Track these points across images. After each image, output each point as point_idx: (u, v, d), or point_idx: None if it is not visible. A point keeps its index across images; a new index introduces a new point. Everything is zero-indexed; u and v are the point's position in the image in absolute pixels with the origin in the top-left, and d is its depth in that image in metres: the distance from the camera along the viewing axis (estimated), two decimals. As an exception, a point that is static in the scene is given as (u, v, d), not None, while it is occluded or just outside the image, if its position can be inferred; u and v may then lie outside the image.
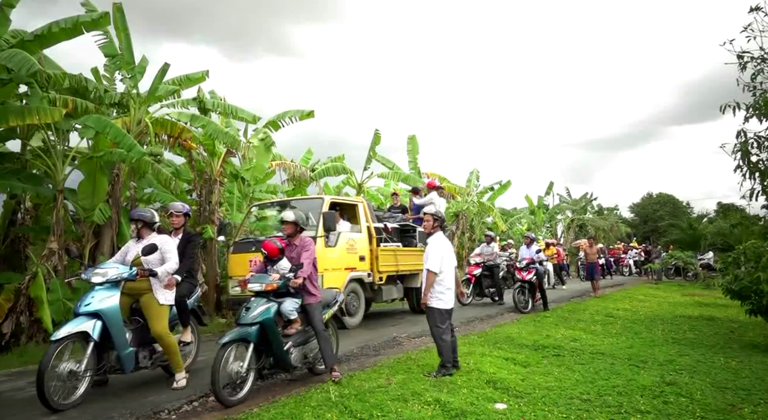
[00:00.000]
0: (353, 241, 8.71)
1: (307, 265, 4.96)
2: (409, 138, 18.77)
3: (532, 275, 10.93)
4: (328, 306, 5.45)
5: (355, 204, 9.42)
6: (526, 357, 6.23)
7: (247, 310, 4.65)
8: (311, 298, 5.10)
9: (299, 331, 5.08)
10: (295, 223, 5.19)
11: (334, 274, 8.11)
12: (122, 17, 9.12)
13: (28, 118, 7.33)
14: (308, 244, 5.16)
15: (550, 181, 29.22)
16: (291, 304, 4.92)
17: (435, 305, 5.44)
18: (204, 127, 10.38)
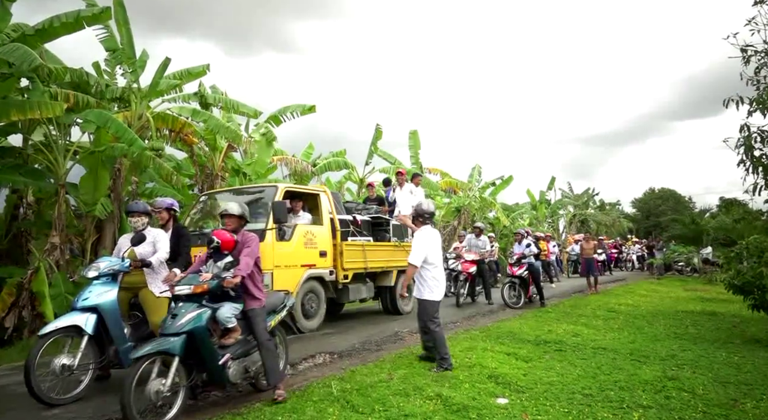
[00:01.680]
0: (312, 235, 7.78)
1: (247, 263, 4.26)
2: (411, 133, 18.74)
3: (523, 270, 10.88)
4: (275, 311, 4.73)
5: (317, 194, 8.38)
6: (528, 352, 6.22)
7: (174, 317, 3.95)
8: (254, 302, 4.39)
9: (239, 340, 4.31)
10: (240, 216, 4.53)
11: (287, 272, 7.25)
12: (123, 12, 9.09)
13: (30, 113, 7.32)
14: (250, 239, 4.44)
15: (551, 176, 29.19)
16: (229, 309, 4.19)
17: (428, 297, 5.49)
18: (205, 122, 10.37)
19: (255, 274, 4.44)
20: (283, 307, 4.89)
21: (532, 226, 25.45)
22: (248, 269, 4.26)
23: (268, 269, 6.83)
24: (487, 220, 22.57)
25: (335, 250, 8.12)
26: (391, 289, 9.33)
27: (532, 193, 28.27)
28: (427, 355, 5.68)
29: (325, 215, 8.15)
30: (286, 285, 7.11)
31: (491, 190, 22.48)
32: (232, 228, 4.48)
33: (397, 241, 9.40)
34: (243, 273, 4.19)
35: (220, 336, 4.22)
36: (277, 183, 8.62)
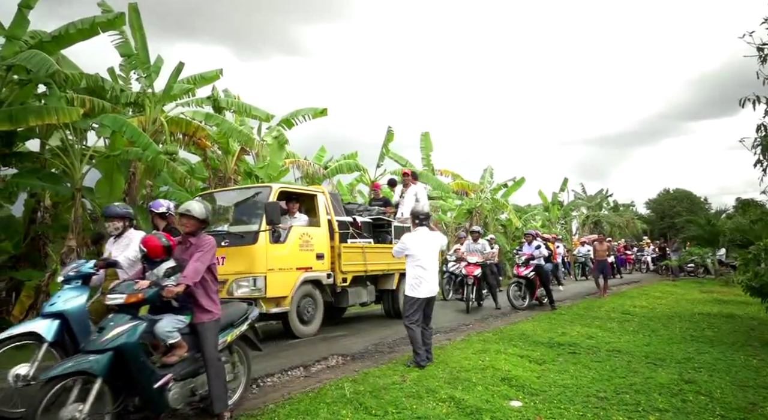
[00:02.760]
0: (308, 237, 7.50)
1: (195, 270, 3.77)
2: (422, 135, 18.72)
3: (530, 271, 10.79)
4: (232, 325, 4.22)
5: (313, 194, 8.07)
6: (542, 354, 6.18)
7: (100, 331, 3.46)
8: (204, 314, 3.90)
9: (185, 359, 3.82)
10: (201, 219, 4.06)
11: (282, 276, 6.99)
12: (137, 17, 9.20)
13: (47, 118, 7.43)
14: (205, 243, 3.97)
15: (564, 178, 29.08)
16: (170, 322, 3.72)
17: (408, 293, 5.67)
18: (218, 126, 10.48)
19: (208, 282, 3.97)
20: (244, 320, 4.37)
21: (545, 227, 25.29)
22: (196, 276, 3.77)
23: (261, 273, 6.73)
24: (499, 221, 22.47)
25: (333, 253, 7.84)
26: (393, 292, 9.14)
27: (544, 195, 28.11)
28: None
29: (322, 216, 7.89)
30: (281, 289, 6.95)
31: (503, 192, 22.37)
32: (189, 230, 4.04)
33: None
34: (188, 281, 3.70)
35: (164, 353, 3.75)
36: (272, 183, 8.41)
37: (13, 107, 7.52)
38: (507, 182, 22.55)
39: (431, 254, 5.73)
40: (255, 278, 6.74)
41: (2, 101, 7.85)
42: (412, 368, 5.42)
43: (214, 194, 8.68)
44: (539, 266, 10.85)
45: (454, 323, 8.85)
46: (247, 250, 6.81)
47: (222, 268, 6.85)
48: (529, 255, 11.02)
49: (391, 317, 9.34)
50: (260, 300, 6.74)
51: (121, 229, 5.10)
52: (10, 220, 8.53)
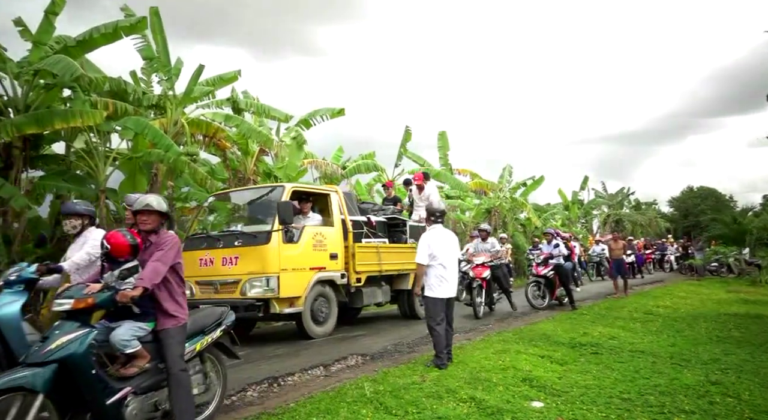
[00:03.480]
0: (322, 237, 7.48)
1: (155, 270, 3.40)
2: (440, 134, 18.68)
3: (549, 270, 10.64)
4: (203, 332, 3.88)
5: (327, 194, 8.08)
6: (563, 355, 6.11)
7: (44, 341, 3.11)
8: (168, 320, 3.53)
9: (147, 370, 3.45)
10: (159, 213, 3.62)
11: (295, 276, 6.97)
12: (159, 21, 9.35)
13: (72, 121, 7.59)
14: (166, 241, 3.58)
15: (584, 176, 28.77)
16: (128, 330, 3.36)
17: (428, 294, 5.57)
18: (238, 127, 10.61)
19: (172, 284, 3.60)
20: (216, 325, 4.00)
21: (565, 226, 25.02)
22: (155, 278, 3.39)
23: (274, 273, 6.73)
24: (518, 221, 22.31)
25: (347, 252, 7.80)
26: (408, 292, 9.05)
27: (564, 194, 27.81)
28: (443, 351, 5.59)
29: (335, 216, 7.86)
30: (294, 289, 6.96)
31: (522, 191, 22.20)
32: (150, 227, 3.61)
33: (415, 243, 9.24)
34: (146, 283, 3.32)
35: (123, 364, 3.39)
36: (285, 183, 8.39)
37: (40, 111, 7.72)
38: (526, 181, 22.40)
39: (451, 253, 5.70)
40: (268, 278, 6.73)
41: (29, 105, 8.06)
42: (432, 368, 5.40)
43: (229, 194, 8.81)
44: (559, 265, 10.73)
45: (472, 323, 8.81)
46: (260, 250, 6.83)
47: (235, 268, 6.97)
48: (548, 254, 10.91)
49: (407, 317, 9.30)
50: (273, 300, 6.76)
51: (79, 228, 4.57)
52: (37, 222, 8.73)
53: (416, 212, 9.73)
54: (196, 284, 7.23)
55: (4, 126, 7.15)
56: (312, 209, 7.84)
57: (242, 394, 4.72)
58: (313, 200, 7.91)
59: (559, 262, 10.76)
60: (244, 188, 9.23)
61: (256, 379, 5.08)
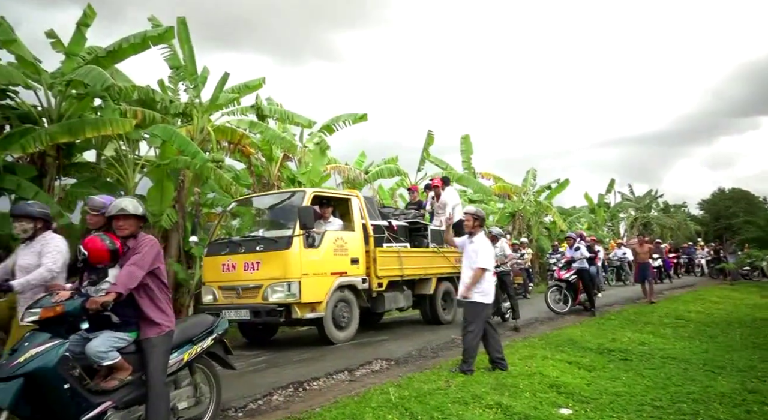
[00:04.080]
0: (343, 242, 7.46)
1: (130, 275, 3.19)
2: (463, 138, 18.59)
3: (570, 274, 10.42)
4: (191, 341, 3.62)
5: (347, 198, 8.06)
6: (591, 361, 6.00)
7: (12, 354, 2.93)
8: (151, 328, 3.34)
9: (130, 382, 3.25)
10: (136, 216, 3.45)
11: (316, 281, 6.96)
12: (185, 30, 9.54)
13: (103, 130, 7.80)
14: (143, 244, 3.39)
15: (611, 179, 28.13)
16: (105, 341, 3.13)
17: (481, 300, 5.49)
18: (262, 133, 10.74)
19: (153, 290, 3.40)
20: (206, 334, 3.76)
21: (591, 230, 24.60)
22: (130, 282, 3.18)
23: (295, 278, 6.73)
24: (542, 224, 22.04)
25: (368, 257, 7.77)
26: (431, 297, 8.93)
27: (590, 197, 27.38)
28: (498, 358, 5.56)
29: (356, 221, 7.84)
30: (315, 294, 6.94)
31: (547, 194, 21.94)
32: (128, 232, 3.43)
33: (436, 247, 9.09)
34: (119, 288, 3.11)
35: (104, 376, 3.20)
36: (306, 188, 8.34)
37: (72, 120, 7.94)
38: (551, 184, 22.12)
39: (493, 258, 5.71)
40: (289, 283, 6.74)
41: (62, 115, 8.30)
42: (457, 374, 5.35)
43: (251, 199, 8.89)
44: (582, 269, 10.50)
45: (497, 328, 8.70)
46: (281, 255, 6.85)
47: (257, 274, 7.00)
48: (569, 258, 10.72)
49: (429, 323, 9.16)
50: (295, 305, 6.78)
51: (30, 233, 3.99)
52: (70, 229, 8.95)
53: (437, 217, 9.67)
54: (219, 289, 7.30)
55: (38, 135, 7.38)
56: (333, 214, 7.85)
57: (268, 398, 4.75)
58: (333, 205, 7.92)
59: (583, 265, 10.55)
60: (266, 193, 9.26)
61: (282, 383, 5.11)
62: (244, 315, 6.93)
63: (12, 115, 8.26)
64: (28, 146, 7.33)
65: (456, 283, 9.36)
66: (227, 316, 6.92)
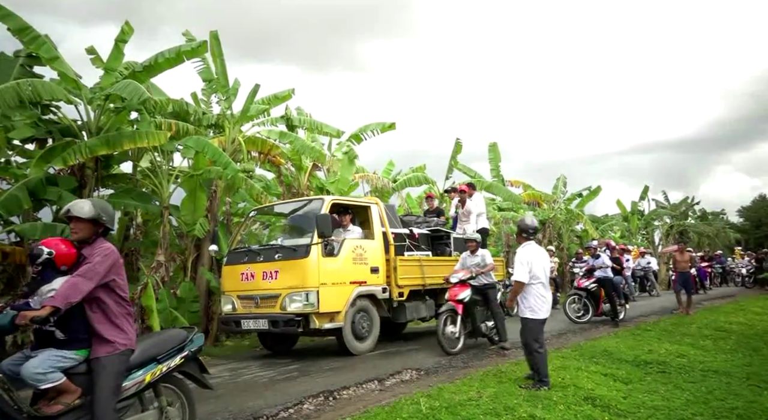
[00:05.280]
0: (362, 250, 7.35)
1: (72, 286, 2.87)
2: (490, 146, 18.47)
3: (591, 282, 10.13)
4: (155, 360, 3.29)
5: (367, 206, 7.95)
6: (627, 373, 5.83)
7: None
8: (102, 346, 3.03)
9: (77, 407, 2.94)
10: (93, 220, 3.15)
11: (335, 290, 6.84)
12: (218, 44, 9.78)
13: (139, 142, 8.04)
14: (98, 251, 3.09)
15: (644, 186, 27.47)
16: (45, 360, 2.85)
17: (529, 316, 5.33)
18: (292, 143, 10.92)
19: (108, 304, 3.08)
20: (177, 351, 3.40)
21: (624, 238, 24.03)
22: (72, 296, 2.84)
23: (313, 287, 6.62)
24: (573, 232, 21.64)
25: (388, 266, 7.62)
26: None
27: (622, 204, 26.76)
28: (531, 375, 5.43)
29: (376, 229, 7.72)
30: (334, 304, 6.84)
31: (578, 202, 21.56)
32: (78, 236, 3.15)
33: (458, 255, 8.76)
34: (57, 302, 2.76)
35: (51, 399, 2.91)
36: (324, 196, 8.20)
37: (110, 133, 8.21)
38: (582, 191, 21.74)
39: (547, 271, 5.49)
40: (307, 293, 6.64)
41: (100, 128, 8.60)
42: (489, 384, 5.29)
43: (271, 207, 8.83)
44: (604, 278, 10.19)
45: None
46: (299, 263, 6.76)
47: (275, 283, 6.89)
48: (590, 266, 10.44)
49: None
50: (313, 315, 6.68)
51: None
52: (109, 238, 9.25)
53: (460, 226, 9.51)
54: (238, 298, 7.26)
55: (79, 148, 7.65)
56: (352, 222, 7.75)
57: (299, 406, 4.77)
58: (353, 213, 7.82)
59: (605, 274, 10.25)
60: (285, 201, 9.20)
61: (313, 391, 5.13)
62: (263, 325, 6.87)
63: (54, 129, 8.62)
64: (69, 159, 7.61)
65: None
66: (246, 326, 7.05)
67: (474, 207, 9.38)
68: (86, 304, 3.04)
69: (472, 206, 9.39)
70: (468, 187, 9.81)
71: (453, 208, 10.04)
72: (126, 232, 10.02)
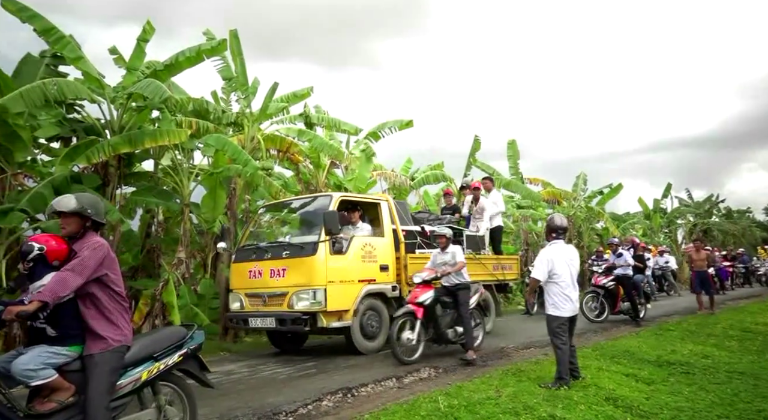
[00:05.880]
0: (371, 248, 7.25)
1: (60, 281, 2.83)
2: (509, 143, 18.32)
3: (608, 280, 9.97)
4: (153, 357, 3.22)
5: (377, 202, 7.82)
6: (650, 373, 5.74)
7: None
8: (95, 343, 2.99)
9: (70, 405, 2.89)
10: (78, 213, 3.10)
11: (343, 288, 6.76)
12: (237, 42, 9.85)
13: (160, 140, 8.14)
14: (87, 245, 3.05)
15: (667, 183, 26.91)
16: (37, 356, 2.82)
17: (552, 312, 5.36)
18: (310, 141, 10.99)
19: (101, 300, 3.05)
20: (175, 348, 3.34)
21: (646, 236, 23.66)
22: (61, 290, 2.81)
23: (320, 285, 6.55)
24: (594, 230, 21.37)
25: (399, 264, 7.53)
26: None
27: (644, 202, 26.31)
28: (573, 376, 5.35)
29: (386, 226, 7.60)
30: (342, 302, 6.76)
31: (598, 199, 21.27)
32: (66, 230, 3.12)
33: (473, 254, 8.71)
34: (45, 297, 2.74)
35: (44, 396, 2.87)
36: (332, 192, 7.98)
37: (132, 132, 8.34)
38: (603, 189, 21.46)
39: (574, 270, 5.46)
40: (315, 291, 6.56)
41: (123, 126, 8.75)
42: (508, 382, 5.25)
43: (279, 204, 8.66)
44: (624, 276, 10.00)
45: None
46: (306, 261, 6.70)
47: (283, 281, 6.84)
48: (610, 264, 10.29)
49: None
50: (321, 313, 6.61)
51: None
52: (129, 235, 9.40)
53: (473, 223, 9.44)
54: (245, 296, 7.24)
55: (102, 146, 7.79)
56: (362, 219, 7.67)
57: (318, 403, 4.80)
58: (362, 210, 7.72)
59: (625, 272, 10.06)
60: (293, 198, 9.07)
61: (331, 388, 5.16)
62: (270, 323, 6.82)
63: (78, 128, 8.77)
64: (93, 157, 7.75)
65: (494, 292, 9.09)
66: (254, 324, 6.98)
67: (488, 204, 9.31)
68: (79, 300, 3.02)
69: (486, 203, 9.32)
70: (487, 180, 9.69)
71: (466, 207, 9.89)
72: (148, 229, 10.16)
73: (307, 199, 8.13)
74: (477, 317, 7.21)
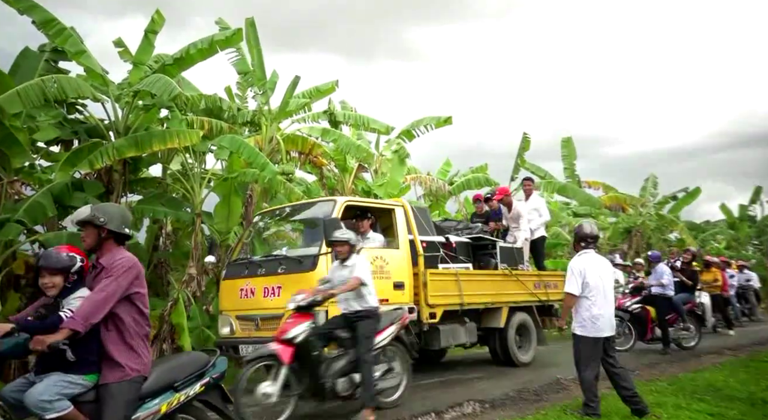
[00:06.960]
0: (384, 261, 6.90)
1: (93, 305, 2.95)
2: (564, 141, 18.05)
3: (634, 301, 9.61)
4: (173, 387, 3.27)
5: (391, 209, 7.53)
6: (741, 413, 5.49)
7: None
8: (112, 372, 3.05)
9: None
10: (90, 222, 3.22)
11: None
12: (254, 32, 10.01)
13: (170, 142, 8.30)
14: (117, 265, 3.13)
15: (755, 186, 25.96)
16: (52, 386, 2.87)
17: (579, 332, 5.33)
18: (335, 142, 11.00)
19: (125, 322, 3.12)
20: (196, 378, 3.37)
21: (731, 249, 22.84)
22: (94, 315, 2.94)
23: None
24: (667, 242, 20.79)
25: (417, 281, 7.17)
26: (500, 331, 8.10)
27: (728, 209, 25.48)
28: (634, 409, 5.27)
29: (401, 236, 7.29)
30: None
31: (672, 206, 20.73)
32: (88, 243, 3.24)
33: (507, 269, 8.42)
34: (78, 325, 2.86)
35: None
36: (336, 196, 7.77)
37: (139, 133, 8.53)
38: (676, 194, 20.93)
39: (607, 283, 5.40)
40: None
41: (129, 127, 8.97)
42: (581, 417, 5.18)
43: (276, 211, 8.57)
44: (660, 297, 9.57)
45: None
46: (305, 277, 6.30)
47: (278, 300, 6.36)
48: (638, 282, 9.94)
49: (501, 364, 8.35)
50: None
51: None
52: (136, 248, 9.59)
53: (511, 233, 9.22)
54: (236, 319, 6.92)
55: (106, 150, 7.99)
56: (373, 228, 7.40)
57: None
58: (374, 217, 7.46)
59: (662, 292, 9.59)
60: (291, 204, 8.72)
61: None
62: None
63: (80, 130, 9.05)
64: (96, 162, 7.93)
65: (535, 315, 8.73)
66: (245, 352, 6.35)
67: (524, 210, 9.11)
68: (101, 322, 3.06)
69: (522, 209, 9.12)
70: (528, 181, 9.49)
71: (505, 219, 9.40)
72: (155, 241, 10.35)
73: (308, 204, 7.92)
74: (392, 359, 5.96)
